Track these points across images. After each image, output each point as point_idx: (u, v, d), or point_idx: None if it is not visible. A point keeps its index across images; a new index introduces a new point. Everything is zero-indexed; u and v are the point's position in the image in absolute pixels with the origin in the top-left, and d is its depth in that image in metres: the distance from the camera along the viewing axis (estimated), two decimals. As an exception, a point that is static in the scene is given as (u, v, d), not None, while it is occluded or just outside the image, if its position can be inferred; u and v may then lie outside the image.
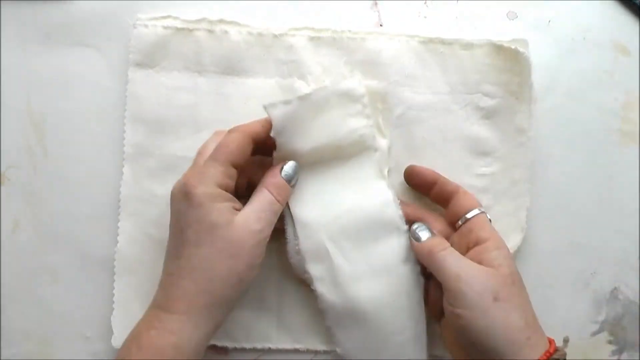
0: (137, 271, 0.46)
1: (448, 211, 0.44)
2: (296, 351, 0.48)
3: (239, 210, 0.40)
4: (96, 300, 0.47)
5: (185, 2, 0.48)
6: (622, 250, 0.48)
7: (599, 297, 0.48)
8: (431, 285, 0.44)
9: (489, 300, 0.38)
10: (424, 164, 0.47)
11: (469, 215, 0.43)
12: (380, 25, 0.48)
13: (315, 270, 0.44)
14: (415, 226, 0.43)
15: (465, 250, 0.42)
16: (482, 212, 0.43)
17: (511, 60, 0.46)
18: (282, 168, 0.42)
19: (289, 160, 0.43)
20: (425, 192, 0.46)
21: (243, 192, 0.43)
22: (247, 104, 0.47)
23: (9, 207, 0.48)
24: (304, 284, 0.46)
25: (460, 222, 0.43)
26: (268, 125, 0.42)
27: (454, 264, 0.40)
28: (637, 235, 0.48)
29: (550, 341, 0.39)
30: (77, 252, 0.47)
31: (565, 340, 0.40)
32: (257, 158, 0.44)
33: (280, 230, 0.44)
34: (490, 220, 0.43)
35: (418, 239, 0.43)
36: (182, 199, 0.39)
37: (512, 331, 0.38)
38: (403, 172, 0.46)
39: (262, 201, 0.41)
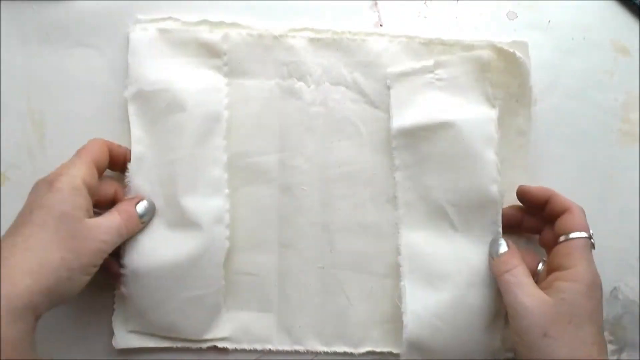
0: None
1: (556, 225, 0.43)
2: (296, 352, 0.48)
3: (91, 216, 0.40)
4: (96, 300, 0.47)
5: (186, 3, 0.48)
6: (622, 250, 0.48)
7: (598, 297, 0.48)
8: None
9: (538, 336, 0.38)
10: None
11: (569, 236, 0.41)
12: (380, 26, 0.48)
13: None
14: (493, 240, 0.43)
15: (554, 270, 0.41)
16: (584, 238, 0.41)
17: (511, 63, 0.46)
18: (138, 202, 0.43)
19: (146, 198, 0.44)
20: (538, 210, 0.44)
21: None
22: (247, 105, 0.47)
23: (9, 207, 0.48)
24: (304, 285, 0.47)
25: (560, 240, 0.41)
26: (124, 148, 0.45)
27: (513, 290, 0.39)
28: (637, 235, 0.48)
29: None
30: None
31: None
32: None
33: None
34: (593, 246, 0.41)
35: (494, 254, 0.43)
36: (43, 186, 0.39)
37: None
38: (516, 192, 0.45)
39: (113, 220, 0.41)
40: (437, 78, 0.46)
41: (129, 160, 0.45)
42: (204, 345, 0.47)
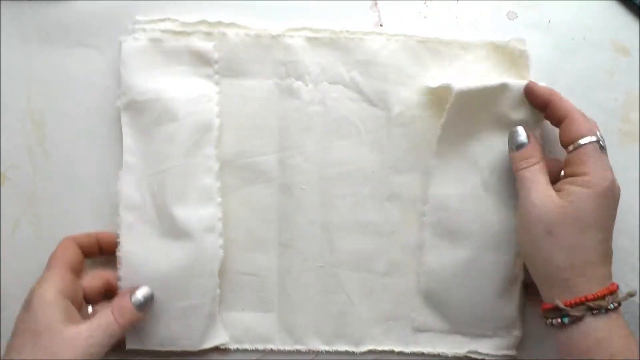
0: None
1: (560, 134, 0.42)
2: (297, 352, 0.48)
3: (76, 322, 0.40)
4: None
5: (185, 3, 0.48)
6: (622, 250, 0.48)
7: (599, 297, 0.48)
8: None
9: (541, 233, 0.39)
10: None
11: (577, 144, 0.40)
12: (380, 25, 0.48)
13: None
14: (513, 130, 0.43)
15: (570, 176, 0.41)
16: (591, 143, 0.40)
17: (510, 60, 0.46)
18: (134, 292, 0.43)
19: (143, 285, 0.44)
20: (542, 111, 0.44)
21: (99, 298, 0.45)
22: (245, 105, 0.48)
23: (9, 207, 0.48)
24: (304, 284, 0.47)
25: (569, 149, 0.41)
26: (93, 235, 0.45)
27: (526, 186, 0.40)
28: (637, 235, 0.48)
29: (610, 288, 0.38)
30: (77, 252, 0.48)
31: (630, 294, 0.40)
32: None
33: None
34: (602, 147, 0.40)
35: (512, 147, 0.43)
36: (23, 308, 0.40)
37: (551, 268, 0.39)
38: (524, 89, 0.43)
39: (101, 320, 0.41)
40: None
41: (104, 243, 0.46)
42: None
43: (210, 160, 0.46)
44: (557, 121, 0.42)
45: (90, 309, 0.44)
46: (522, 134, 0.43)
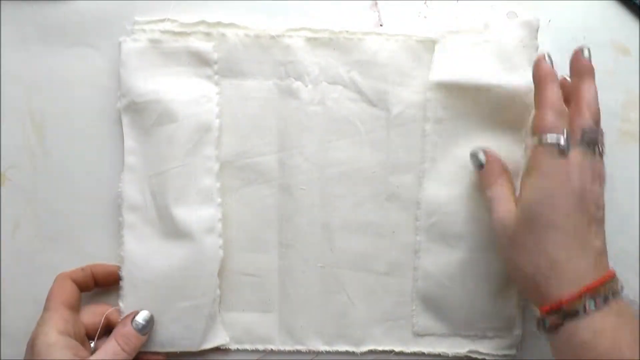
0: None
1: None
2: (298, 352, 0.48)
3: (83, 357, 0.40)
4: (97, 300, 0.47)
5: (184, 3, 0.48)
6: (622, 250, 0.48)
7: (599, 297, 0.48)
8: None
9: (506, 245, 0.40)
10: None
11: (535, 141, 0.39)
12: (381, 25, 0.48)
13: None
14: (472, 153, 0.44)
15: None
16: (546, 144, 0.38)
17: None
18: (133, 317, 0.44)
19: (143, 310, 0.44)
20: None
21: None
22: (245, 105, 0.47)
23: (9, 207, 0.48)
24: (305, 284, 0.47)
25: (528, 143, 0.42)
26: (87, 269, 0.45)
27: (491, 204, 0.42)
28: (637, 235, 0.48)
29: (586, 287, 0.36)
30: (77, 252, 0.48)
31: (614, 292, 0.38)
32: None
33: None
34: (563, 150, 0.38)
35: (474, 167, 0.44)
36: (28, 351, 0.40)
37: (522, 277, 0.39)
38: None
39: (108, 351, 0.41)
40: (485, 39, 0.46)
41: (99, 276, 0.46)
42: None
43: (210, 160, 0.46)
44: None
45: (92, 344, 0.45)
46: (480, 155, 0.44)
